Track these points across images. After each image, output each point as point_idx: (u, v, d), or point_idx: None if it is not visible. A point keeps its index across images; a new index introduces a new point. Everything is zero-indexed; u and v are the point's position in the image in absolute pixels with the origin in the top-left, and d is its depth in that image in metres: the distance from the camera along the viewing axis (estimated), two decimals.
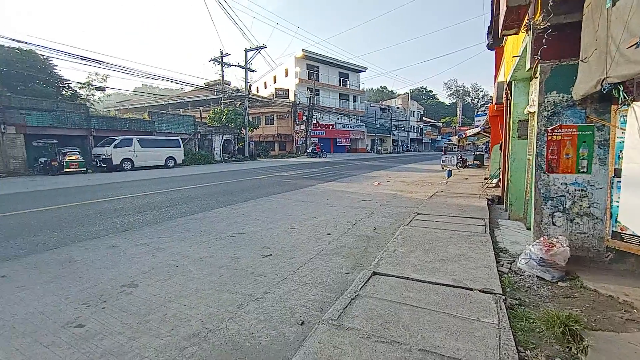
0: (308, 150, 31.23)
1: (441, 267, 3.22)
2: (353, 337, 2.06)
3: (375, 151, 47.10)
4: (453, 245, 3.91)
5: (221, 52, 26.78)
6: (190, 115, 26.32)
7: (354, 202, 7.50)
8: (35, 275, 3.37)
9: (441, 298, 2.58)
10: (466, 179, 11.78)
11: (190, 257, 3.89)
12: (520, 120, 5.46)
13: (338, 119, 41.07)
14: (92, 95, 24.48)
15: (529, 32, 3.41)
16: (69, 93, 21.75)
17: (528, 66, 3.56)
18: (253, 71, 28.39)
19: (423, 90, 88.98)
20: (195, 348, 2.13)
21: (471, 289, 2.71)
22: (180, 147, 20.14)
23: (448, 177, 12.10)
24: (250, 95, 29.07)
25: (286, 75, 39.41)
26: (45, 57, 19.16)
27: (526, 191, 5.21)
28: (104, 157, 16.52)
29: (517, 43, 4.50)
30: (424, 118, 65.45)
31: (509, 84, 5.77)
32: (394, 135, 53.75)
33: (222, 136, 26.34)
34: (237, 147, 27.94)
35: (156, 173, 15.63)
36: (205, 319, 2.48)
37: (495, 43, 6.25)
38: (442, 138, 67.87)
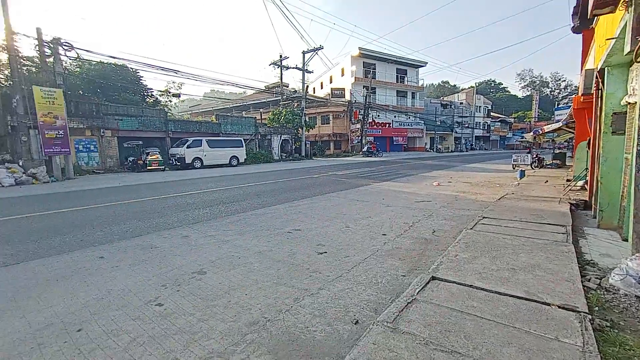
0: (363, 149, 30.92)
1: (511, 276, 2.92)
2: (409, 341, 1.98)
3: (435, 150, 44.58)
4: (526, 253, 3.52)
5: (280, 56, 27.93)
6: (252, 117, 28.00)
7: (411, 203, 7.21)
8: (125, 258, 3.92)
9: (510, 311, 2.34)
10: (545, 181, 10.49)
11: (251, 250, 4.14)
12: (615, 113, 4.68)
13: (395, 117, 39.86)
14: (170, 101, 27.56)
15: (629, 8, 2.89)
16: (151, 100, 24.82)
17: (627, 49, 3.03)
18: (310, 72, 29.06)
19: (491, 83, 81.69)
20: (255, 335, 2.26)
21: (548, 304, 2.41)
22: (242, 147, 21.56)
23: (520, 178, 10.92)
24: (307, 96, 29.83)
25: (342, 75, 39.53)
26: (134, 69, 22.15)
27: (622, 195, 4.44)
28: (178, 156, 18.47)
29: (613, 23, 3.86)
30: (491, 113, 59.88)
31: (601, 71, 4.97)
32: (456, 132, 50.21)
33: (281, 136, 27.50)
34: (294, 146, 28.91)
35: (221, 171, 16.97)
36: (264, 309, 2.62)
37: (583, 25, 5.43)
38: (513, 135, 61.38)
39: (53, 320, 2.51)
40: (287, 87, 33.52)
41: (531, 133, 21.09)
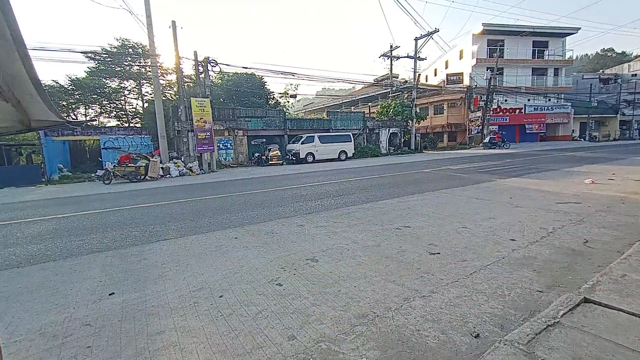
0: (485, 140, 27.17)
1: None
2: None
3: (588, 138, 35.17)
4: None
5: (391, 46, 27.14)
6: (360, 112, 28.27)
7: (551, 204, 5.92)
8: (253, 240, 4.56)
9: None
10: None
11: (360, 243, 4.19)
12: None
13: (528, 100, 33.37)
14: (287, 101, 30.54)
15: None
16: (272, 102, 28.05)
17: None
18: (422, 59, 27.20)
19: None
20: (364, 328, 2.27)
21: None
22: (351, 141, 22.08)
23: None
24: (418, 86, 28.11)
25: (460, 58, 35.48)
26: (260, 76, 25.47)
27: None
28: (294, 151, 20.34)
29: None
30: None
31: None
32: (623, 115, 38.38)
33: (389, 129, 26.87)
34: (402, 139, 27.82)
35: (330, 165, 17.82)
36: (372, 304, 2.61)
37: None
38: None
39: (203, 285, 3.14)
40: (397, 78, 32.36)
41: None
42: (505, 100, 31.76)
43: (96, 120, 24.25)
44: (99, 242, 4.76)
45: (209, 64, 17.39)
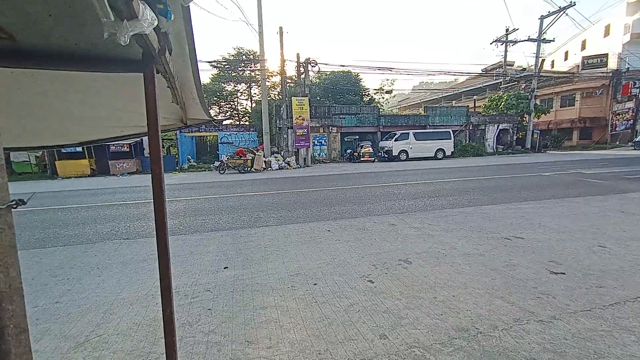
0: (637, 139, 21.32)
1: None
2: None
3: None
4: None
5: (507, 29, 23.75)
6: (464, 106, 25.67)
7: None
8: (345, 234, 4.66)
9: None
10: None
11: (459, 250, 3.83)
12: None
13: None
14: (382, 97, 29.95)
15: None
16: (367, 99, 27.94)
17: None
18: (550, 42, 22.83)
19: None
20: (464, 343, 2.07)
21: None
22: (450, 139, 20.31)
23: None
24: (540, 73, 23.78)
25: (605, 35, 28.48)
26: (356, 73, 25.68)
27: None
28: (386, 149, 19.88)
29: None
30: None
31: None
32: None
33: (498, 125, 23.65)
34: (515, 137, 24.10)
35: (425, 164, 16.76)
36: (474, 318, 2.35)
37: None
38: None
39: (299, 271, 3.37)
40: (511, 66, 28.06)
41: None
42: None
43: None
44: (216, 223, 5.62)
45: (309, 65, 18.43)
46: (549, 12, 21.68)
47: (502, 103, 24.06)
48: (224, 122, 27.23)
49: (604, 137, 26.21)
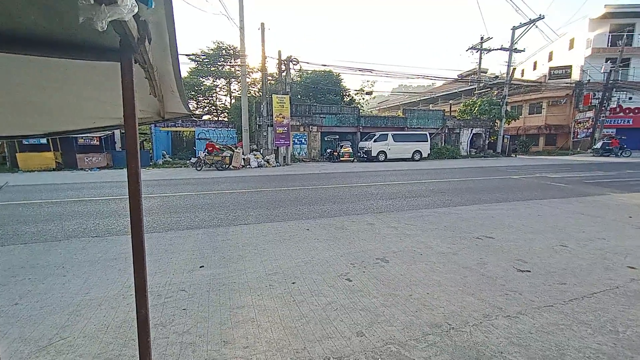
0: (595, 146, 22.92)
1: None
2: None
3: None
4: None
5: (481, 38, 24.75)
6: (440, 110, 26.49)
7: None
8: (324, 233, 4.68)
9: None
10: None
11: (434, 249, 3.95)
12: None
13: None
14: (363, 99, 30.31)
15: None
16: (347, 99, 28.16)
17: None
18: (520, 52, 24.07)
19: None
20: (437, 338, 2.14)
21: None
22: (427, 141, 20.88)
23: None
24: (512, 81, 24.97)
25: (570, 48, 30.28)
26: (337, 73, 25.81)
27: None
28: (365, 149, 20.14)
29: None
30: None
31: None
32: None
33: (471, 130, 24.62)
34: (487, 141, 25.18)
35: (403, 165, 17.14)
36: (447, 315, 2.44)
37: None
38: None
39: (277, 270, 3.35)
40: (485, 73, 29.31)
41: None
42: (630, 98, 26.07)
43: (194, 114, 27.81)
44: (191, 221, 5.47)
45: (290, 62, 18.31)
46: (521, 23, 22.81)
47: (476, 108, 25.04)
48: (203, 118, 26.55)
49: (566, 144, 27.94)
